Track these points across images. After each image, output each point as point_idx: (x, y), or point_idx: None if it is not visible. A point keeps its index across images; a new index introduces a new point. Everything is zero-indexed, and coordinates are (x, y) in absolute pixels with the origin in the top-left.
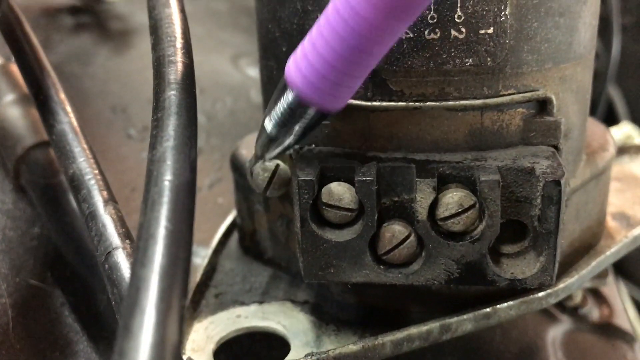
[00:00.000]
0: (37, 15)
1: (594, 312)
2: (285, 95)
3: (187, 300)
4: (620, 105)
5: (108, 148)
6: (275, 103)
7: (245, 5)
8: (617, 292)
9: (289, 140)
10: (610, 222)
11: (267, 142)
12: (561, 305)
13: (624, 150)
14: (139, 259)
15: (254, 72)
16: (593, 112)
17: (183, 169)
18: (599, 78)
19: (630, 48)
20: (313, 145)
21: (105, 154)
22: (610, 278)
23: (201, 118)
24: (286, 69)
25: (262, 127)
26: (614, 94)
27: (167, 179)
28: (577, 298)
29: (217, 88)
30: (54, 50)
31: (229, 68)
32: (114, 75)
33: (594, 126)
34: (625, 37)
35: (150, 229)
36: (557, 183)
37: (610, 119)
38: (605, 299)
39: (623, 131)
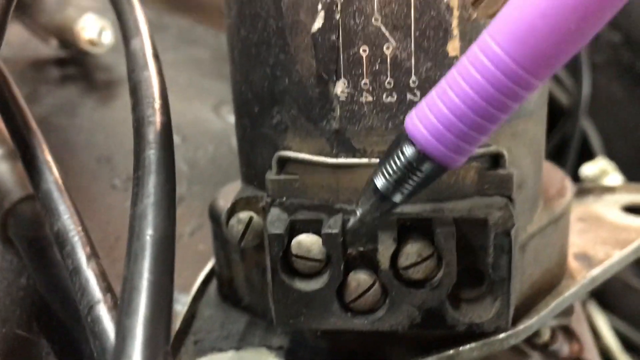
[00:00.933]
0: (24, 68)
1: (564, 348)
2: (403, 150)
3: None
4: (595, 141)
5: (93, 198)
6: (389, 160)
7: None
8: (586, 327)
9: (401, 197)
10: (572, 263)
11: (379, 200)
12: (532, 343)
13: (588, 190)
14: (124, 309)
15: None
16: (568, 147)
17: (163, 224)
18: (572, 114)
19: (603, 85)
20: (284, 198)
21: (90, 204)
22: (580, 313)
23: (183, 166)
24: (408, 121)
25: (370, 188)
26: (589, 129)
27: (149, 233)
28: (546, 335)
29: (199, 136)
30: (41, 102)
31: (210, 115)
32: (99, 125)
33: (553, 172)
34: (597, 74)
35: (133, 281)
36: (507, 233)
37: (586, 154)
38: (575, 335)
39: (598, 166)
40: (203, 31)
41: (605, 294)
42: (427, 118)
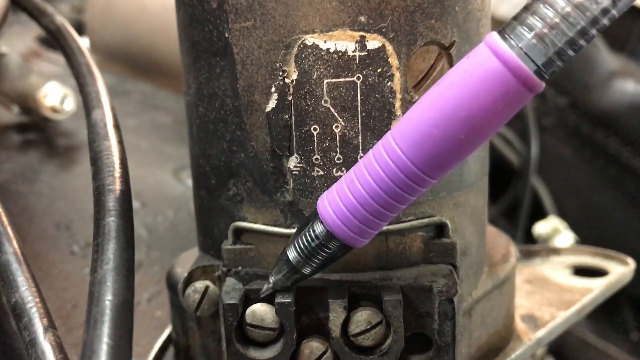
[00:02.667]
0: None
1: None
2: (314, 228)
3: None
4: (546, 200)
5: (51, 265)
6: (301, 235)
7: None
8: None
9: (310, 270)
10: (520, 324)
11: (289, 271)
12: None
13: (535, 252)
14: None
15: None
16: (520, 206)
17: (122, 289)
18: (523, 174)
19: (551, 146)
20: (240, 268)
21: (49, 271)
22: None
23: (142, 231)
24: (319, 203)
25: (283, 259)
26: (540, 188)
27: (108, 299)
28: None
29: (158, 201)
30: (1, 169)
31: (170, 180)
32: (59, 192)
33: (499, 238)
34: (546, 136)
35: (92, 345)
36: (451, 301)
37: (539, 213)
38: None
39: (550, 225)
40: (164, 96)
41: (563, 351)
42: (335, 202)
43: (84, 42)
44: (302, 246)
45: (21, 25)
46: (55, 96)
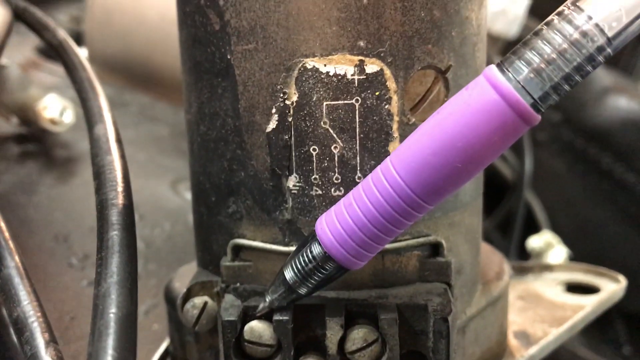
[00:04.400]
0: None
1: None
2: (311, 249)
3: None
4: (540, 214)
5: (49, 277)
6: (298, 256)
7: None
8: None
9: (306, 290)
10: (512, 341)
11: (286, 291)
12: None
13: (528, 269)
14: None
15: None
16: (514, 220)
17: (125, 302)
18: (516, 189)
19: (545, 161)
20: (238, 284)
21: (46, 283)
22: None
23: (140, 244)
24: (318, 225)
25: (280, 278)
26: (534, 203)
27: (112, 311)
28: None
29: (156, 213)
30: (1, 180)
31: (168, 193)
32: (58, 203)
33: (493, 255)
34: (540, 151)
35: (98, 357)
36: (445, 320)
37: (532, 227)
38: None
39: (543, 239)
40: (163, 108)
41: None
42: (333, 224)
43: (82, 53)
44: (299, 267)
45: (20, 35)
46: (55, 108)
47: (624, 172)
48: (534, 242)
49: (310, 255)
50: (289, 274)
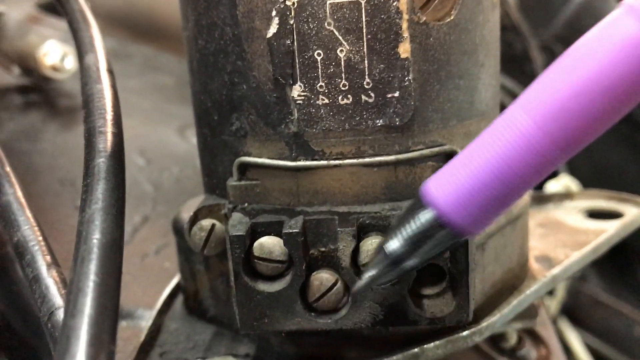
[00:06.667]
0: None
1: (531, 353)
2: (420, 215)
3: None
4: None
5: (57, 220)
6: (404, 224)
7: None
8: (554, 332)
9: (412, 263)
10: (534, 265)
11: (389, 265)
12: (499, 348)
13: (548, 198)
14: (69, 310)
15: None
16: None
17: (110, 228)
18: None
19: None
20: (246, 204)
21: (54, 225)
22: (545, 318)
23: (148, 187)
24: (426, 189)
25: (381, 252)
26: None
27: (96, 237)
28: (513, 339)
29: (164, 158)
30: (3, 128)
31: (175, 139)
32: (62, 150)
33: None
34: None
35: (79, 283)
36: None
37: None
38: (543, 340)
39: (562, 183)
40: (166, 59)
41: (576, 310)
42: (449, 186)
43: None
44: (405, 237)
45: None
46: (55, 54)
47: None
48: (553, 186)
49: (419, 223)
50: (393, 245)
